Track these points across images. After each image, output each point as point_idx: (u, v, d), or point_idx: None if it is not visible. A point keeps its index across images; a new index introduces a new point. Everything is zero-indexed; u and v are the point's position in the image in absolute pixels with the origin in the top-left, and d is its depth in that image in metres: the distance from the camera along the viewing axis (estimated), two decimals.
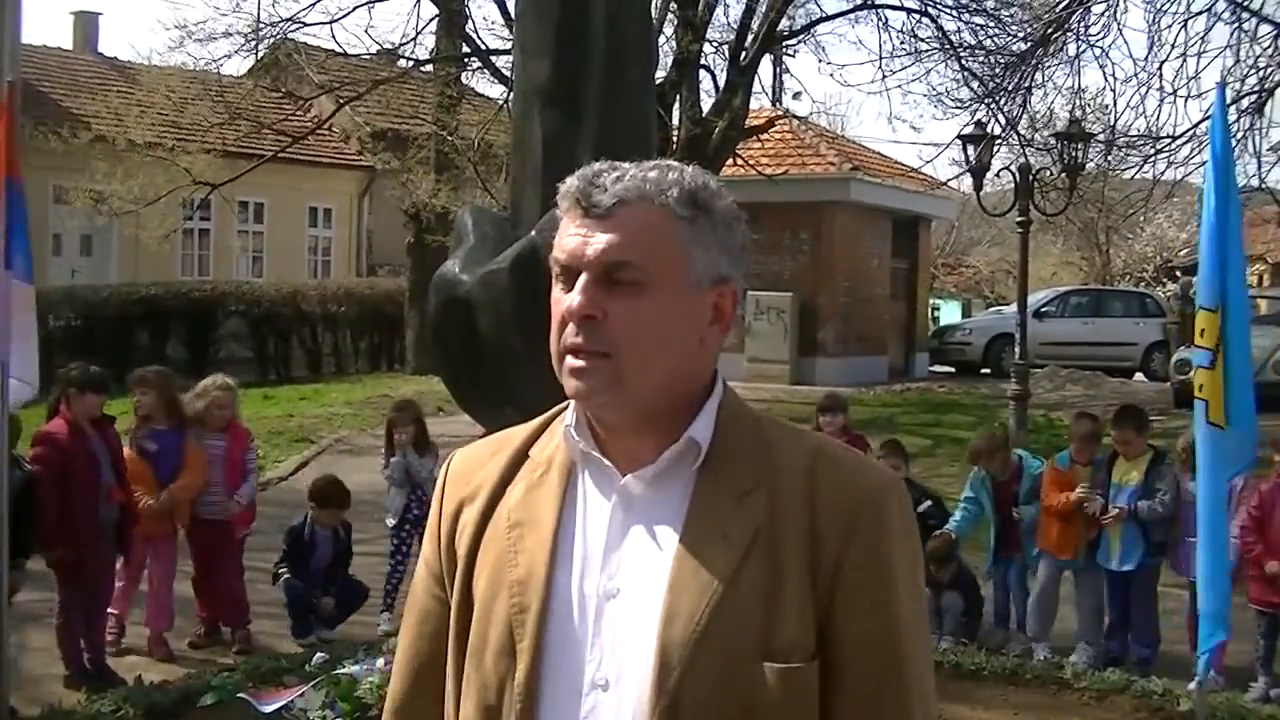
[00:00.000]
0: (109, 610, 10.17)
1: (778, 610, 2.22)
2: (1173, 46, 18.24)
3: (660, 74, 22.15)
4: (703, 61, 24.51)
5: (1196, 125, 18.31)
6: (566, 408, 2.44)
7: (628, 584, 2.29)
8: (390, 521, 11.12)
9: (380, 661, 7.57)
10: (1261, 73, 17.95)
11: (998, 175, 23.34)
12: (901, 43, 25.16)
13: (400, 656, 2.63)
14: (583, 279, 2.28)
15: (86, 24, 40.40)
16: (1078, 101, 22.81)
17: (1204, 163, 8.33)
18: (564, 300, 2.30)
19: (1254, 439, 8.12)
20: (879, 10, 25.31)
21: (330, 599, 10.76)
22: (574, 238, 2.30)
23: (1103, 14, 20.03)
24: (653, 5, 20.33)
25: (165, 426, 10.53)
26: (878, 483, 2.36)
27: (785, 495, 2.28)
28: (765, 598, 2.22)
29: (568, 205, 2.33)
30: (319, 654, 9.19)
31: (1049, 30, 20.90)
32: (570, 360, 2.29)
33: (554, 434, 2.47)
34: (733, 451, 2.34)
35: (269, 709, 7.79)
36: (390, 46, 26.21)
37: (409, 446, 11.07)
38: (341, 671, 7.83)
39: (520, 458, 2.49)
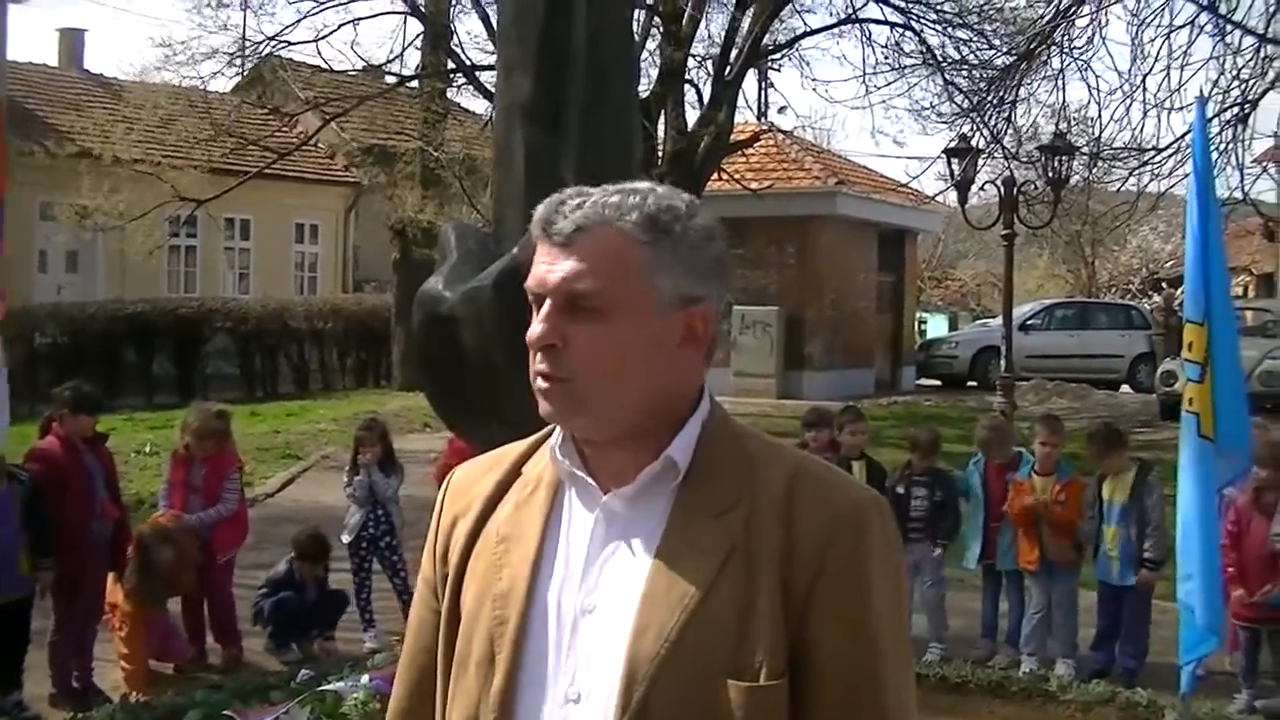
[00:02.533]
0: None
1: (749, 628, 2.22)
2: (1156, 59, 18.28)
3: (644, 88, 22.20)
4: (687, 76, 24.54)
5: (1180, 137, 18.35)
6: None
7: (604, 600, 2.31)
8: (345, 538, 11.11)
9: (365, 678, 7.59)
10: (1244, 84, 17.99)
11: (982, 189, 23.41)
12: (885, 57, 25.27)
13: (400, 668, 2.68)
14: (545, 307, 2.31)
15: (72, 41, 40.30)
16: (1062, 115, 22.89)
17: (1188, 175, 8.37)
18: (530, 327, 2.34)
19: (1248, 452, 8.16)
20: (863, 25, 25.38)
21: (321, 640, 10.86)
22: (541, 265, 2.34)
23: (1086, 27, 20.09)
24: (636, 21, 20.39)
25: None
26: (858, 501, 2.35)
27: (763, 513, 2.29)
28: (737, 616, 2.23)
29: (537, 232, 2.35)
30: (304, 670, 9.20)
31: (1032, 44, 20.95)
32: (539, 383, 2.33)
33: (546, 450, 2.48)
34: (712, 469, 2.35)
35: None
36: (376, 63, 26.27)
37: (374, 465, 11.06)
38: (326, 688, 7.84)
39: (513, 474, 2.53)
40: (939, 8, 24.35)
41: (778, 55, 26.79)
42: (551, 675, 2.31)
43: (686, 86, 24.65)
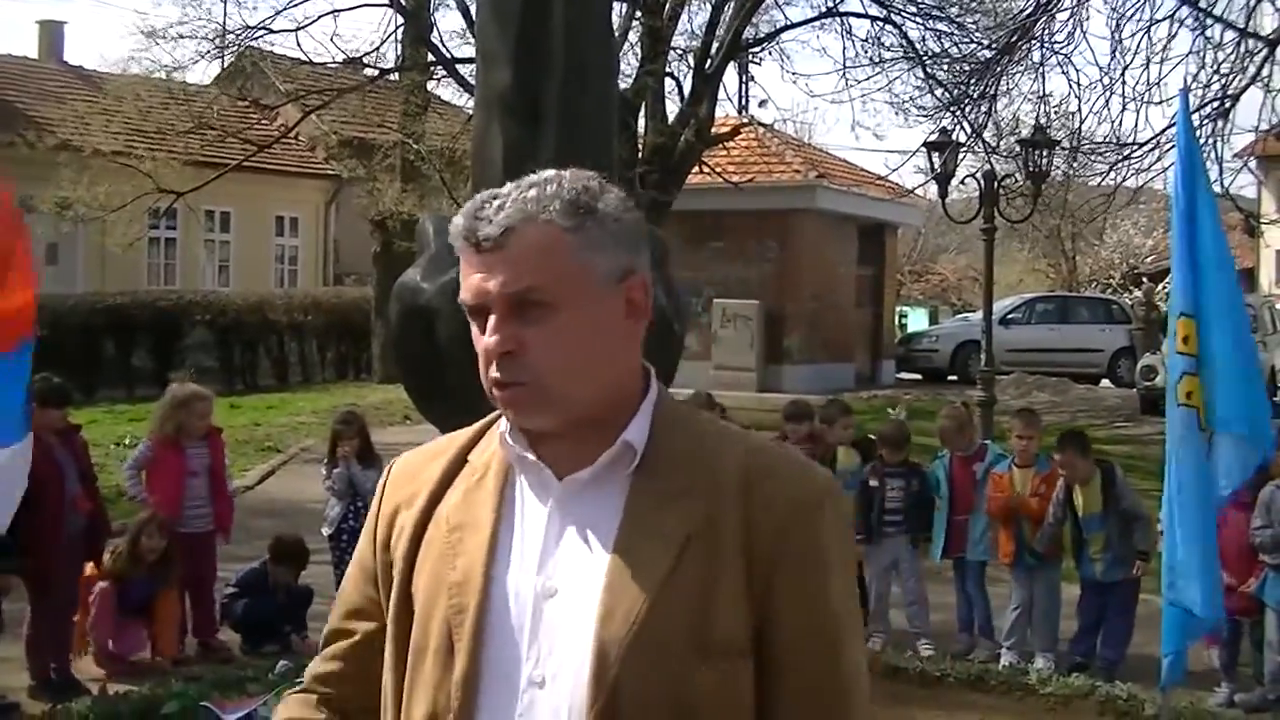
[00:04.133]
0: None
1: (712, 608, 2.27)
2: (1136, 53, 18.30)
3: (625, 82, 22.15)
4: (668, 69, 24.51)
5: (1161, 132, 18.38)
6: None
7: (565, 584, 2.33)
8: (326, 531, 11.11)
9: None
10: (1224, 79, 18.01)
11: (963, 182, 23.41)
12: (866, 51, 25.26)
13: (329, 638, 2.69)
14: (494, 316, 2.32)
15: (52, 33, 40.23)
16: (1042, 108, 22.89)
17: (1168, 168, 8.34)
18: (482, 339, 2.35)
19: (1270, 440, 8.13)
20: (843, 18, 25.38)
21: (297, 637, 10.83)
22: (475, 276, 2.35)
23: (1066, 21, 20.10)
24: (616, 13, 20.36)
25: None
26: (813, 484, 2.41)
27: (720, 496, 2.32)
28: (700, 596, 2.27)
29: (460, 245, 2.37)
30: (282, 662, 9.21)
31: (1013, 37, 20.95)
32: (499, 394, 2.35)
33: (492, 438, 2.51)
34: (668, 453, 2.38)
35: (232, 718, 7.79)
36: (356, 55, 26.23)
37: (353, 458, 11.04)
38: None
39: (459, 462, 2.55)
40: (919, 1, 24.36)
41: (758, 48, 26.76)
42: (514, 660, 2.33)
43: (667, 80, 24.63)
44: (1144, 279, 45.27)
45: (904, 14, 24.47)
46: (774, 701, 2.32)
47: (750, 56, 27.60)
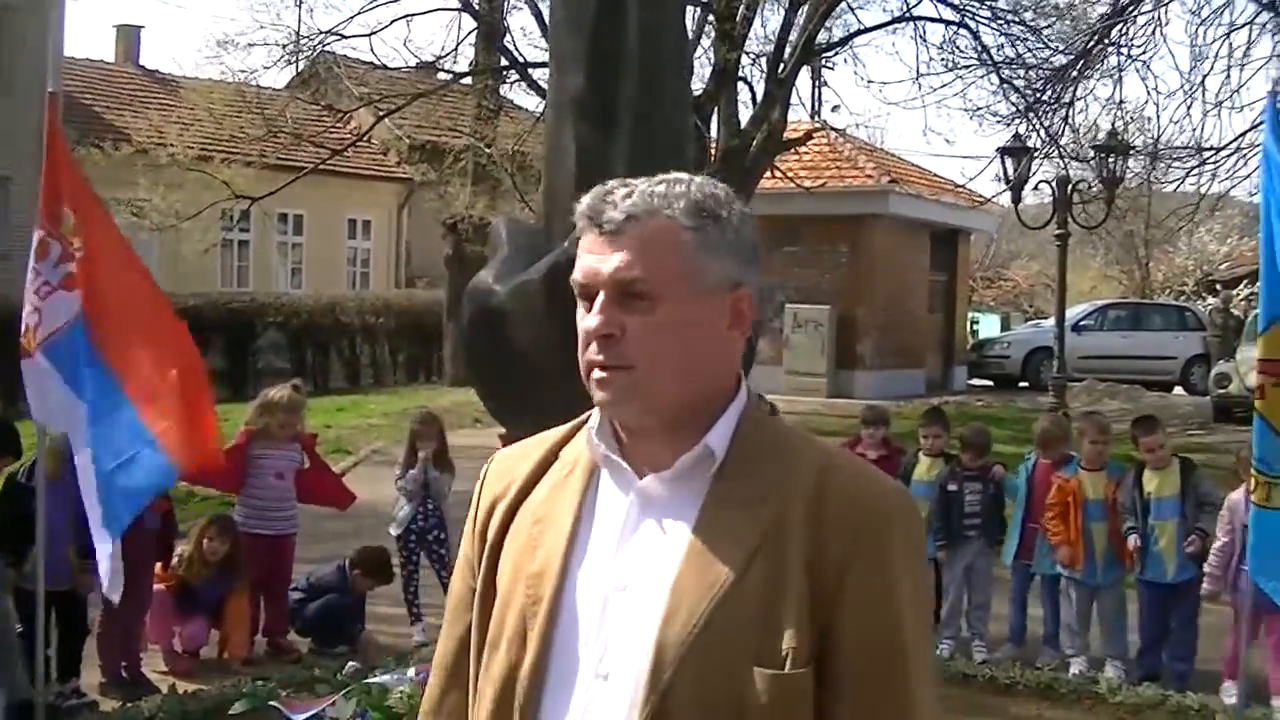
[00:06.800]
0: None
1: (776, 617, 2.27)
2: (1215, 59, 18.16)
3: (698, 86, 22.14)
4: (741, 73, 24.47)
5: (1241, 136, 18.23)
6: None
7: (636, 581, 2.36)
8: (394, 531, 11.07)
9: (411, 671, 7.59)
10: None
11: (1036, 188, 23.25)
12: (940, 56, 25.14)
13: (439, 650, 2.73)
14: (600, 298, 2.37)
15: (129, 37, 40.65)
16: (1118, 114, 22.72)
17: (1248, 175, 8.19)
18: (585, 319, 2.39)
19: None
20: (917, 23, 25.27)
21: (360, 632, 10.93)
22: (590, 257, 2.40)
23: (1144, 26, 19.95)
24: (689, 17, 20.34)
25: None
26: (884, 497, 2.40)
27: (794, 505, 2.33)
28: (765, 604, 2.27)
29: (583, 224, 2.42)
30: (351, 663, 9.22)
31: (1090, 43, 20.82)
32: (595, 374, 2.38)
33: (583, 437, 2.55)
34: (748, 460, 2.40)
35: (300, 717, 7.82)
36: (428, 59, 26.33)
37: (430, 462, 11.01)
38: (372, 681, 7.85)
39: (551, 458, 2.60)
40: (993, 5, 24.24)
41: (831, 53, 26.71)
42: (582, 653, 2.37)
43: (740, 84, 24.60)
44: (1218, 286, 44.86)
45: (978, 19, 24.38)
46: (836, 717, 2.29)
47: (823, 61, 27.58)
